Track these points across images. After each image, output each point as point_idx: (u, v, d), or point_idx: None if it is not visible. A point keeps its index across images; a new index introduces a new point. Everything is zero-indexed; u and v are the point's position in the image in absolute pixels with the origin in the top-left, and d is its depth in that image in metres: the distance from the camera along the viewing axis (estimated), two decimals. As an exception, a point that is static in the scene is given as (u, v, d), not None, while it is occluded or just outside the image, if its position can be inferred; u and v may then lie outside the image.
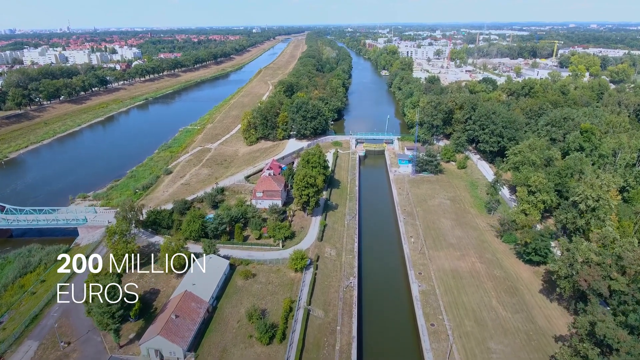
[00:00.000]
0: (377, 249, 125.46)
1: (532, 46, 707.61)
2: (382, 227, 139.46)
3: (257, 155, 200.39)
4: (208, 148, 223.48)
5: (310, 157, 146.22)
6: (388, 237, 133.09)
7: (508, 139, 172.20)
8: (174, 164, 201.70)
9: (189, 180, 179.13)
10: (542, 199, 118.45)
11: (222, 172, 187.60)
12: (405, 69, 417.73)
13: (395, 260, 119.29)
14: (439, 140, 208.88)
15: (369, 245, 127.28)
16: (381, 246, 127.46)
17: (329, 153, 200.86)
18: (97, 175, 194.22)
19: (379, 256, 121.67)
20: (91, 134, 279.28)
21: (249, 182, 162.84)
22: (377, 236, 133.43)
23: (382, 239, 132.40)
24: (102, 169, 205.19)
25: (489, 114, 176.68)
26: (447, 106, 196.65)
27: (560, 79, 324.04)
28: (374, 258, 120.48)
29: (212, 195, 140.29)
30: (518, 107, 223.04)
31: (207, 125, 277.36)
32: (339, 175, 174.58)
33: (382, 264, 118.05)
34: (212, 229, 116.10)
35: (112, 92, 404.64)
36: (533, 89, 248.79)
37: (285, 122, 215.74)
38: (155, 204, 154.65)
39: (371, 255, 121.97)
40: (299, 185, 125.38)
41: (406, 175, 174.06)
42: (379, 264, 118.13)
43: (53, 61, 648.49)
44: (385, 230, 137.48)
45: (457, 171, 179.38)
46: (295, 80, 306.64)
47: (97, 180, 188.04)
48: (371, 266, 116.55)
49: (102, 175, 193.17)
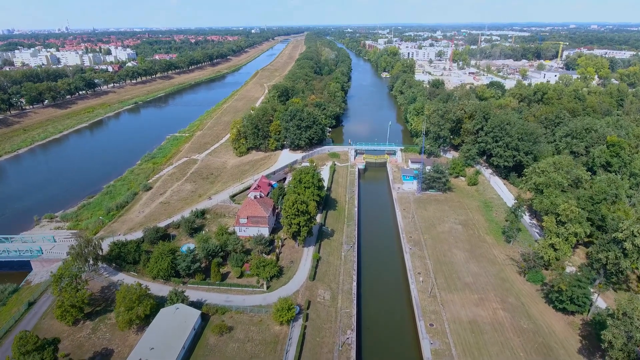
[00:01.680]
0: (379, 290, 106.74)
1: (536, 47, 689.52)
2: (385, 260, 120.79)
3: (246, 169, 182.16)
4: (194, 159, 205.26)
5: (302, 177, 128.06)
6: (392, 273, 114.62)
7: (525, 153, 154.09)
8: (155, 177, 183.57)
9: (169, 197, 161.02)
10: (574, 231, 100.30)
11: (206, 188, 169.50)
12: (407, 72, 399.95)
13: (401, 306, 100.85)
14: (446, 152, 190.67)
15: (369, 284, 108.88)
16: (384, 286, 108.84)
17: (325, 166, 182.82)
18: (71, 190, 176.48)
19: (381, 300, 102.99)
20: (72, 142, 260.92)
21: (234, 203, 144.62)
22: (379, 272, 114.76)
23: (385, 276, 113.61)
24: (77, 182, 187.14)
25: (503, 125, 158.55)
26: (455, 115, 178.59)
27: (572, 83, 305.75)
28: (376, 302, 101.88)
29: (189, 222, 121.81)
30: (531, 115, 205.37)
31: (196, 132, 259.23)
32: (335, 193, 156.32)
33: (385, 310, 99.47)
34: (184, 267, 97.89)
35: (101, 96, 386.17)
36: (546, 94, 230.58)
37: (278, 132, 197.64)
38: (127, 227, 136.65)
39: (372, 298, 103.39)
40: (288, 212, 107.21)
41: (411, 194, 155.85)
42: (382, 310, 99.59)
43: (44, 62, 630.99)
44: (389, 264, 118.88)
45: (467, 188, 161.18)
46: (291, 84, 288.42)
47: (69, 196, 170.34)
48: (373, 314, 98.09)
49: (76, 191, 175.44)
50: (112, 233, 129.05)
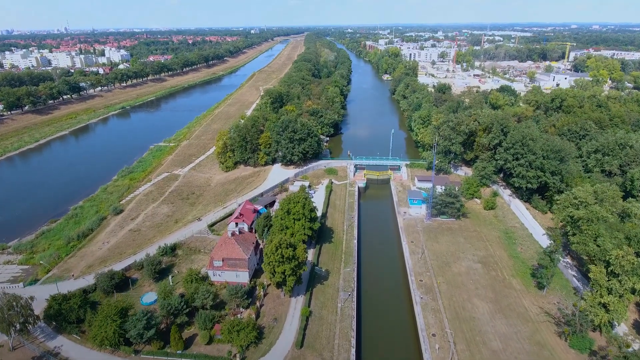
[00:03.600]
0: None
1: (542, 48, 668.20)
2: (391, 315, 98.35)
3: (231, 189, 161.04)
4: (176, 175, 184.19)
5: (291, 206, 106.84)
6: (400, 332, 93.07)
7: (551, 173, 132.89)
8: (129, 197, 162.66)
9: (141, 224, 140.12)
10: (631, 286, 79.19)
11: (185, 211, 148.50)
12: (409, 74, 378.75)
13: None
14: (457, 168, 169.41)
15: (372, 350, 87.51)
16: (390, 353, 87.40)
17: (321, 185, 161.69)
18: (32, 213, 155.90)
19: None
20: (47, 153, 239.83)
21: (212, 234, 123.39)
22: (383, 331, 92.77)
23: (391, 336, 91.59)
24: (42, 202, 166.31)
25: (526, 140, 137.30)
26: (468, 127, 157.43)
27: (589, 87, 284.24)
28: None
29: (153, 264, 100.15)
30: (549, 125, 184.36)
31: (182, 142, 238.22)
32: (332, 220, 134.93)
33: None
34: (135, 335, 76.68)
35: (87, 100, 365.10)
36: (565, 101, 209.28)
37: (268, 145, 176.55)
38: (85, 264, 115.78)
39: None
40: (270, 259, 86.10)
41: (419, 220, 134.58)
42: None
43: (34, 64, 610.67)
44: (396, 320, 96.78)
45: (484, 213, 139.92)
46: (286, 89, 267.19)
47: (30, 219, 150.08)
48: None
49: (38, 213, 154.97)
50: (63, 274, 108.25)
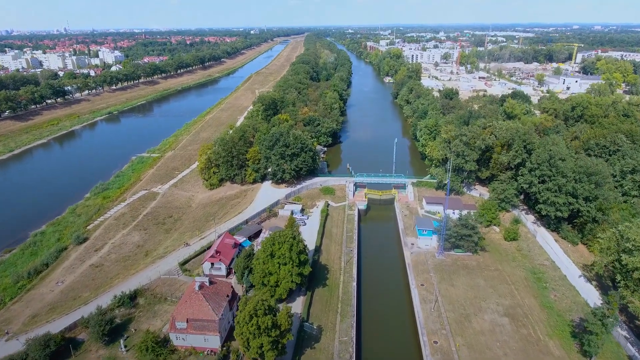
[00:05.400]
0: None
1: (548, 49, 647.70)
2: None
3: (214, 212, 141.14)
4: (154, 193, 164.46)
5: (275, 249, 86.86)
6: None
7: (584, 199, 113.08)
8: (97, 221, 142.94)
9: (105, 257, 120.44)
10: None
11: (158, 240, 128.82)
12: (412, 77, 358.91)
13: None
14: (471, 188, 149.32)
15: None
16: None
17: (315, 208, 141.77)
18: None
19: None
20: (19, 165, 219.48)
21: (183, 275, 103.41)
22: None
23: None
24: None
25: (554, 161, 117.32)
26: (484, 142, 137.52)
27: (607, 92, 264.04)
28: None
29: (100, 324, 79.82)
30: (572, 138, 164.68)
31: (167, 152, 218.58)
32: (327, 255, 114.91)
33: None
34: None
35: (72, 105, 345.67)
36: (587, 109, 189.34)
37: (257, 160, 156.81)
38: (30, 313, 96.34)
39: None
40: (243, 330, 66.29)
41: (429, 255, 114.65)
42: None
43: (24, 66, 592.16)
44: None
45: (505, 245, 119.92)
46: (281, 94, 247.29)
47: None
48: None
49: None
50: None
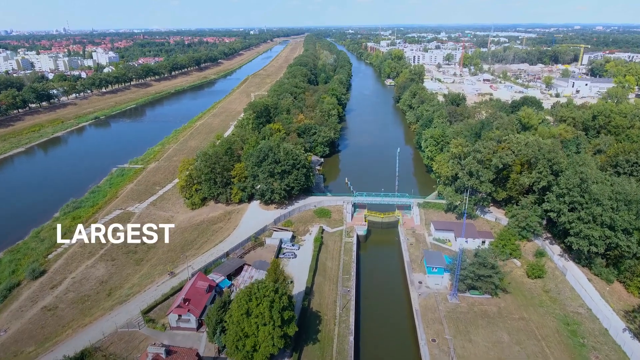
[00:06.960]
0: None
1: (553, 50, 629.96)
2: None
3: (192, 240, 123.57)
4: (130, 213, 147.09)
5: (252, 305, 69.16)
6: None
7: (623, 231, 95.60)
8: (61, 249, 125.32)
9: (61, 296, 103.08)
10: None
11: (126, 274, 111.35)
12: (415, 80, 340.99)
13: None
14: (485, 211, 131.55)
15: None
16: None
17: (308, 235, 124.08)
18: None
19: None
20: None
21: (147, 326, 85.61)
22: None
23: None
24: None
25: (587, 185, 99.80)
26: (502, 160, 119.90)
27: (624, 98, 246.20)
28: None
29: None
30: (594, 151, 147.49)
31: (151, 164, 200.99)
32: (320, 299, 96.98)
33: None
34: None
35: (57, 109, 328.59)
36: (611, 119, 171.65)
37: (244, 178, 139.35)
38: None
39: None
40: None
41: (441, 298, 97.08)
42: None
43: (15, 67, 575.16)
44: None
45: (528, 284, 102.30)
46: (275, 100, 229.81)
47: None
48: None
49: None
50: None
